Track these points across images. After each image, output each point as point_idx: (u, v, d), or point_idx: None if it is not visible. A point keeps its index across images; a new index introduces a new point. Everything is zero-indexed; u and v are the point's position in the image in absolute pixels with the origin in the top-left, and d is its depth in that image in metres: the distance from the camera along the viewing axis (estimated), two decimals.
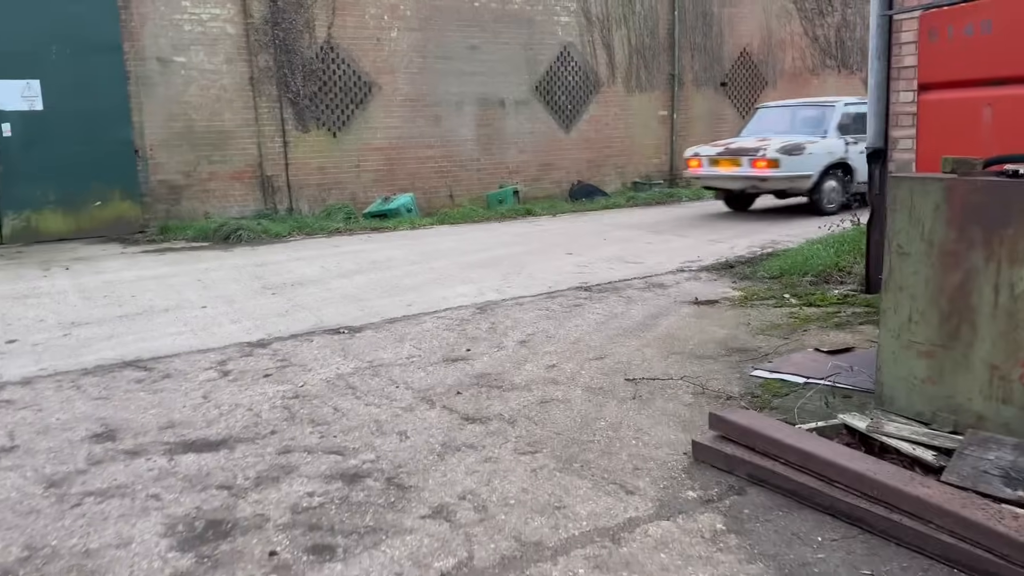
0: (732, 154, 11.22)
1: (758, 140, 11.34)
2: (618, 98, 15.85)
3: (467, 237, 10.49)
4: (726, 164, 11.20)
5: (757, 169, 10.77)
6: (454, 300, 6.85)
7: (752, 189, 11.30)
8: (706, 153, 11.68)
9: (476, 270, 8.16)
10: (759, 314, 5.88)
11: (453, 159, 14.10)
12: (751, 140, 11.54)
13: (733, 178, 11.26)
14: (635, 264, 8.18)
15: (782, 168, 10.59)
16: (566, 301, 6.66)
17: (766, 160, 10.59)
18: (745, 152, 11.04)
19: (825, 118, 11.34)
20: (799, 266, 6.84)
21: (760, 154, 10.75)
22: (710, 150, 11.70)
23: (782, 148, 10.67)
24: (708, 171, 11.61)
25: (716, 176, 11.52)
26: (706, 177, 11.79)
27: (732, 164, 11.12)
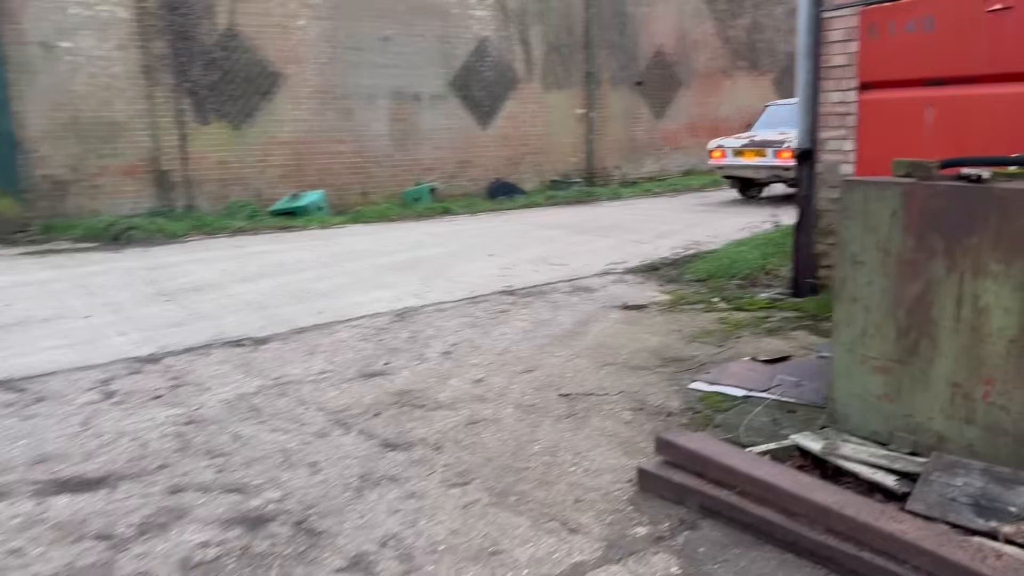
0: (757, 145, 11.85)
1: (779, 133, 11.80)
2: (536, 95, 15.59)
3: (383, 237, 10.01)
4: (751, 155, 11.86)
5: (781, 159, 11.28)
6: (370, 306, 6.39)
7: (774, 178, 11.91)
8: (730, 145, 12.48)
9: (393, 273, 7.72)
10: (690, 320, 5.67)
11: (366, 155, 13.54)
12: (773, 133, 12.07)
13: (757, 168, 11.86)
14: (560, 266, 7.90)
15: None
16: (491, 307, 6.30)
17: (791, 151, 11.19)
18: (770, 144, 11.61)
19: None
20: (725, 269, 6.69)
21: (785, 145, 11.16)
22: (734, 142, 12.51)
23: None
24: (732, 161, 12.36)
25: (739, 166, 12.25)
26: (729, 167, 12.57)
27: (757, 155, 11.77)
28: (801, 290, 6.11)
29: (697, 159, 18.52)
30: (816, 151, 5.93)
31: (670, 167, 17.96)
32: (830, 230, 5.93)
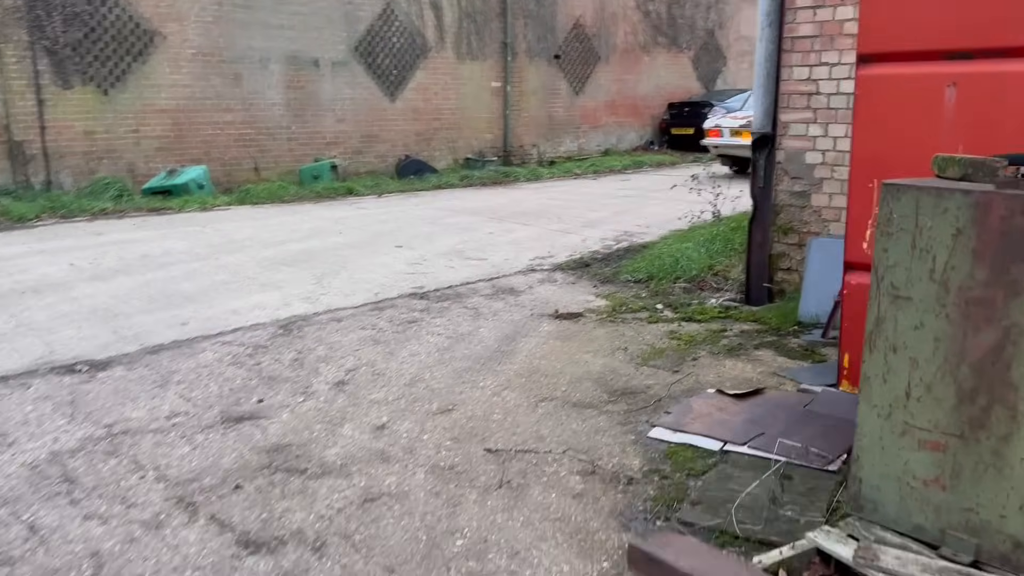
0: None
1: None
2: (448, 65, 14.45)
3: (273, 223, 8.76)
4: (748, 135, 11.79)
5: None
6: (249, 315, 5.25)
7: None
8: (727, 124, 12.60)
9: (282, 269, 6.55)
10: (635, 334, 4.79)
11: (258, 126, 12.14)
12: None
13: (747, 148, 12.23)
14: (478, 261, 6.90)
15: None
16: (398, 315, 5.26)
17: None
18: None
19: None
20: (667, 269, 5.85)
21: None
22: (731, 122, 12.60)
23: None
24: (729, 141, 12.48)
25: (737, 145, 12.15)
26: (725, 146, 12.69)
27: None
28: (755, 296, 5.32)
29: (617, 138, 17.81)
30: (776, 136, 5.12)
31: (589, 147, 17.17)
32: (790, 227, 5.15)
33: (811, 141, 4.97)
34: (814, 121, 4.94)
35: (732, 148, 12.61)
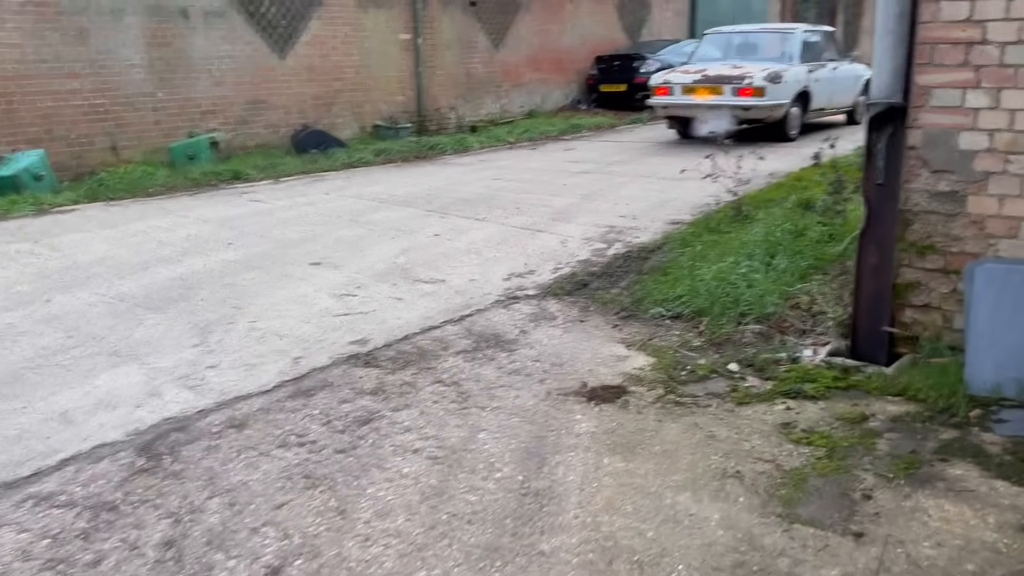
0: (712, 82, 10.47)
1: (733, 67, 10.77)
2: (348, 14, 12.11)
3: (135, 230, 6.47)
4: (704, 92, 10.45)
5: (743, 98, 10.17)
6: (88, 424, 3.19)
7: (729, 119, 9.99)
8: (679, 80, 10.82)
9: (146, 319, 4.43)
10: (731, 432, 3.01)
11: (113, 94, 9.58)
12: (726, 67, 10.86)
13: (713, 107, 10.23)
14: (433, 284, 4.95)
15: (767, 97, 10.13)
16: (338, 406, 3.30)
17: (752, 88, 10.10)
18: (728, 80, 10.38)
19: (788, 45, 11.15)
20: (723, 300, 4.06)
21: (746, 82, 10.16)
22: (683, 77, 10.86)
23: (767, 76, 10.19)
24: (680, 99, 10.79)
25: (690, 105, 10.64)
26: (676, 106, 10.93)
27: (712, 92, 10.39)
28: (869, 345, 3.64)
29: (542, 98, 15.90)
30: (910, 108, 3.39)
31: (512, 107, 15.20)
32: (930, 245, 3.46)
33: (970, 115, 3.26)
34: (975, 85, 3.23)
35: (685, 108, 10.92)
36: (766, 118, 10.37)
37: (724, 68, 10.89)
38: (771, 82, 10.19)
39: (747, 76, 10.27)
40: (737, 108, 10.14)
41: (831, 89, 11.43)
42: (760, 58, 11.20)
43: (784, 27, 11.91)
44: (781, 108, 10.39)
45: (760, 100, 10.17)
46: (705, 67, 11.09)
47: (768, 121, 10.41)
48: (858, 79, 12.12)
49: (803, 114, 10.99)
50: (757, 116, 10.32)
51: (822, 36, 11.90)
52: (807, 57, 11.01)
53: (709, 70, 10.85)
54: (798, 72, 10.72)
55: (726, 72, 10.65)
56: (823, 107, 11.45)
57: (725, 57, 11.54)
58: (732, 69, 10.73)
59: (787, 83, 10.41)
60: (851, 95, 12.13)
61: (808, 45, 11.23)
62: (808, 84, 10.84)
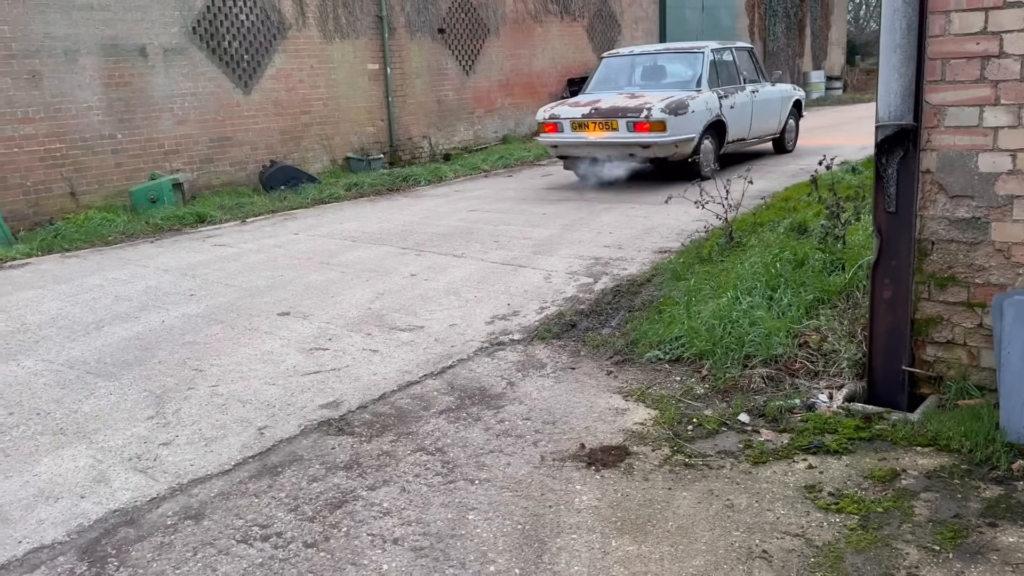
0: (605, 115, 8.75)
1: (630, 97, 9.09)
2: (313, 47, 11.81)
3: (90, 284, 6.06)
4: (597, 129, 8.74)
5: (641, 133, 8.48)
6: (26, 521, 2.81)
7: (627, 158, 9.01)
8: (567, 115, 9.02)
9: (97, 387, 4.03)
10: (751, 501, 2.68)
11: (70, 138, 9.18)
12: (622, 97, 9.15)
13: (607, 145, 8.80)
14: (411, 332, 4.60)
15: (669, 131, 8.47)
16: (307, 486, 2.93)
17: (651, 122, 8.39)
18: (623, 112, 8.65)
19: (695, 68, 9.43)
20: (726, 342, 3.74)
21: (643, 115, 8.44)
22: (572, 111, 9.08)
23: (668, 107, 8.52)
24: (571, 137, 9.00)
25: (583, 143, 8.95)
26: (568, 145, 9.15)
27: (606, 128, 8.69)
28: (887, 387, 3.34)
29: (515, 123, 15.67)
30: (922, 129, 3.11)
31: (486, 134, 14.94)
32: (950, 276, 3.17)
33: (989, 135, 2.99)
34: (994, 102, 2.96)
35: (577, 148, 9.17)
36: (671, 156, 8.74)
37: (620, 98, 9.12)
38: (672, 113, 8.48)
39: (644, 107, 8.51)
40: (635, 146, 8.61)
41: (752, 115, 9.90)
42: (665, 84, 9.58)
43: (690, 47, 9.98)
44: (688, 143, 8.69)
45: (661, 136, 8.43)
46: (599, 98, 9.31)
47: (674, 159, 8.80)
48: (785, 102, 10.78)
49: (718, 147, 9.30)
50: (660, 154, 8.72)
51: (739, 55, 10.16)
52: (721, 80, 9.47)
53: (603, 102, 9.07)
54: (708, 99, 9.03)
55: (621, 103, 8.87)
56: (743, 137, 9.85)
57: (626, 84, 9.85)
58: (628, 99, 8.97)
59: (694, 113, 8.72)
60: (777, 120, 10.65)
61: (720, 66, 9.63)
62: (722, 112, 9.19)
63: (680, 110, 8.56)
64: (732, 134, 9.48)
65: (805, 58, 24.53)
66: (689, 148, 8.71)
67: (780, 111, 10.66)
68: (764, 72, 10.32)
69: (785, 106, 10.79)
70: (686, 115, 8.61)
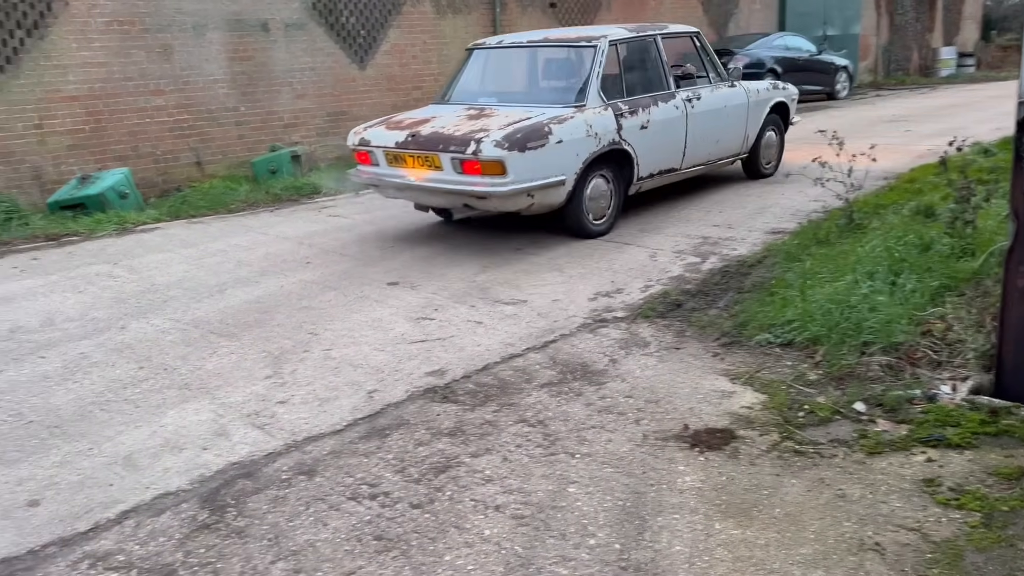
0: (424, 147, 5.60)
1: (472, 116, 5.85)
2: (427, 22, 11.97)
3: (214, 250, 6.38)
4: (417, 164, 5.66)
5: (471, 177, 5.36)
6: (153, 469, 3.00)
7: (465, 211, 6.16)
8: (380, 142, 5.92)
9: (219, 346, 4.26)
10: (864, 492, 2.58)
11: (197, 110, 9.67)
12: (462, 116, 5.90)
13: (431, 192, 5.76)
14: (514, 305, 4.64)
15: (512, 175, 5.27)
16: (413, 449, 3.01)
17: (481, 162, 5.29)
18: (445, 143, 5.48)
19: (580, 71, 6.09)
20: (843, 326, 3.59)
21: (470, 151, 5.31)
22: (387, 135, 5.91)
23: (508, 138, 5.28)
24: (387, 174, 5.92)
25: (403, 186, 5.87)
26: (386, 184, 6.01)
27: (427, 165, 5.60)
28: (1018, 380, 3.13)
29: None
30: None
31: None
32: None
33: None
34: None
35: (397, 190, 6.08)
36: (523, 210, 5.66)
37: (456, 118, 5.87)
38: (517, 148, 5.27)
39: (472, 138, 5.35)
40: (466, 195, 5.51)
41: (689, 134, 6.56)
42: (532, 96, 6.44)
43: (578, 36, 6.36)
44: (553, 190, 5.56)
45: (498, 183, 5.29)
46: (435, 114, 6.15)
47: (533, 213, 5.75)
48: (756, 108, 7.35)
49: (623, 187, 6.19)
50: (505, 208, 5.66)
51: (667, 44, 6.62)
52: (627, 87, 6.16)
53: (433, 121, 5.88)
54: (594, 119, 5.76)
55: (449, 128, 5.65)
56: (672, 167, 6.55)
57: (481, 95, 6.50)
58: (464, 121, 5.74)
59: (562, 144, 5.50)
60: (740, 135, 7.28)
61: (628, 66, 6.30)
62: (623, 136, 5.94)
63: (532, 142, 5.34)
64: (647, 166, 6.24)
65: (935, 33, 23.07)
66: (559, 196, 5.64)
67: (745, 122, 7.25)
68: (718, 67, 7.10)
69: (755, 114, 7.37)
70: (545, 149, 5.39)
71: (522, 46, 6.69)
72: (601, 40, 6.09)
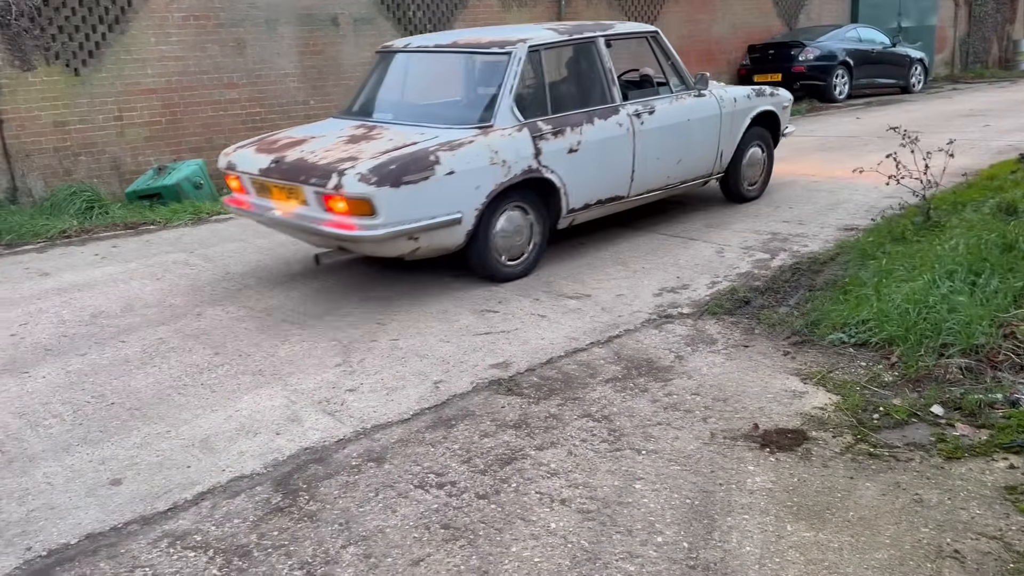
0: (287, 176, 4.66)
1: (351, 138, 4.93)
2: (492, 15, 12.00)
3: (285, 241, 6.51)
4: (283, 196, 4.75)
5: (335, 217, 4.41)
6: (229, 452, 3.10)
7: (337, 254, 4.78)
8: (246, 168, 4.99)
9: (290, 335, 4.36)
10: (942, 498, 2.51)
11: (269, 102, 9.90)
12: (338, 137, 5.00)
13: (297, 228, 4.78)
14: (578, 300, 4.63)
15: (383, 216, 4.30)
16: (478, 440, 3.04)
17: (346, 200, 4.32)
18: (307, 174, 4.52)
19: (489, 83, 5.11)
20: (920, 327, 3.49)
21: (332, 184, 4.33)
22: (254, 161, 4.97)
23: (378, 169, 4.32)
24: (257, 204, 4.98)
25: (270, 220, 4.93)
26: (256, 217, 5.06)
27: (292, 197, 4.67)
28: None
29: None
30: None
31: None
32: None
33: None
34: None
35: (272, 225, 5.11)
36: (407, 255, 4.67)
37: (334, 140, 4.95)
38: (389, 183, 4.29)
39: (335, 169, 4.38)
40: (332, 238, 4.53)
41: (638, 156, 5.51)
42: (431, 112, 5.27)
43: (491, 40, 5.22)
44: (448, 231, 4.61)
45: (367, 224, 4.32)
46: (316, 134, 5.21)
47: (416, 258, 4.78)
48: (730, 120, 6.23)
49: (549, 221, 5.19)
50: (379, 253, 4.73)
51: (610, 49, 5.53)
52: (552, 101, 5.13)
53: (308, 144, 4.94)
54: (503, 143, 4.77)
55: (317, 154, 4.69)
56: (617, 194, 5.52)
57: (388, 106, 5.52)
58: (341, 144, 4.80)
59: (457, 177, 4.53)
60: (711, 153, 6.16)
61: (564, 75, 5.71)
62: (543, 162, 4.93)
63: (411, 175, 4.35)
64: (581, 195, 5.24)
65: (1016, 25, 22.10)
66: (454, 237, 4.68)
67: (716, 137, 6.16)
68: (682, 74, 6.13)
69: (732, 127, 6.28)
70: (429, 182, 4.41)
71: (428, 51, 5.56)
72: (518, 46, 5.02)
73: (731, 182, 6.58)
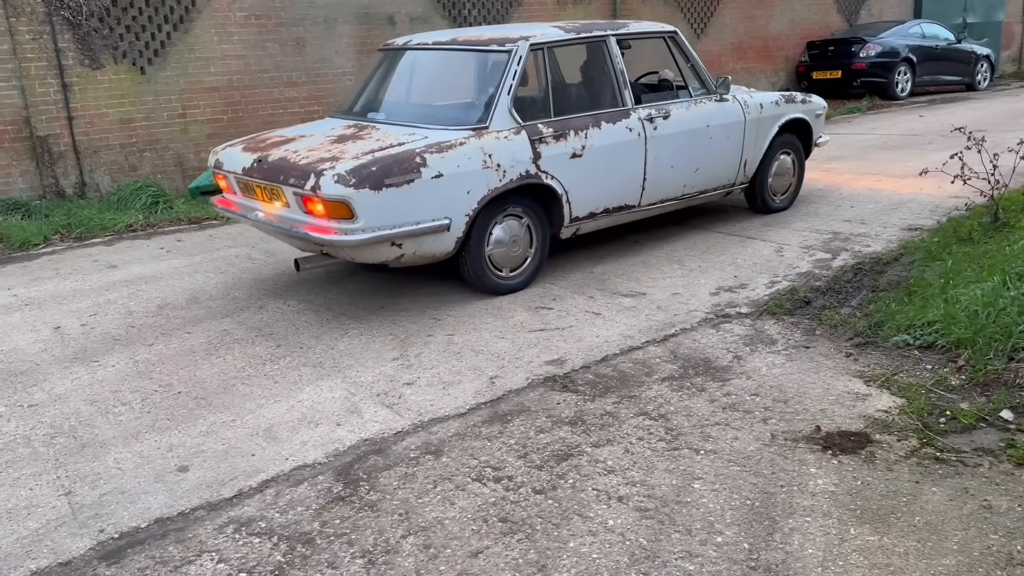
0: (268, 176, 4.50)
1: (339, 137, 4.77)
2: (547, 12, 12.00)
3: None
4: (265, 198, 4.63)
5: (314, 220, 4.28)
6: (291, 442, 3.17)
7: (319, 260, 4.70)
8: (231, 167, 4.87)
9: (348, 327, 4.44)
10: (1012, 504, 2.44)
11: (327, 101, 10.06)
12: (327, 136, 4.84)
13: (279, 231, 4.62)
14: (633, 298, 4.61)
15: (362, 220, 4.13)
16: (534, 436, 3.05)
17: (324, 201, 4.15)
18: (287, 175, 4.34)
19: (487, 83, 4.88)
20: (989, 330, 3.39)
21: (310, 184, 4.15)
22: (239, 160, 4.81)
23: (357, 170, 4.14)
24: (243, 205, 4.89)
25: (255, 222, 4.76)
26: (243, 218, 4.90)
27: (274, 198, 4.54)
28: None
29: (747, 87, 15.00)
30: None
31: None
32: None
33: None
34: None
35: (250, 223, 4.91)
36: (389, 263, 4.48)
37: (323, 138, 4.79)
38: (369, 185, 4.11)
39: (315, 169, 4.19)
40: (311, 241, 4.39)
41: (650, 163, 5.24)
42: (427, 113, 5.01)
43: (490, 37, 5.01)
44: (436, 237, 4.42)
45: (346, 227, 4.15)
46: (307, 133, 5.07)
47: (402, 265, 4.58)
48: (756, 127, 5.88)
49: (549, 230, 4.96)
50: (358, 259, 4.46)
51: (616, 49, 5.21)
52: (555, 104, 4.92)
53: (296, 143, 4.77)
54: (498, 147, 4.56)
55: (301, 154, 4.49)
56: (627, 203, 5.26)
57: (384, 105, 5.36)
58: (328, 143, 4.63)
59: (446, 180, 4.34)
60: (733, 161, 5.82)
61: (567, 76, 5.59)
62: (542, 167, 4.71)
63: (394, 177, 4.18)
64: (585, 203, 5.01)
65: None
66: (443, 244, 4.47)
67: (740, 145, 5.82)
68: (703, 76, 5.68)
69: (758, 135, 5.94)
70: (414, 185, 4.24)
71: (427, 49, 5.36)
72: (519, 44, 4.80)
73: (756, 192, 6.19)
